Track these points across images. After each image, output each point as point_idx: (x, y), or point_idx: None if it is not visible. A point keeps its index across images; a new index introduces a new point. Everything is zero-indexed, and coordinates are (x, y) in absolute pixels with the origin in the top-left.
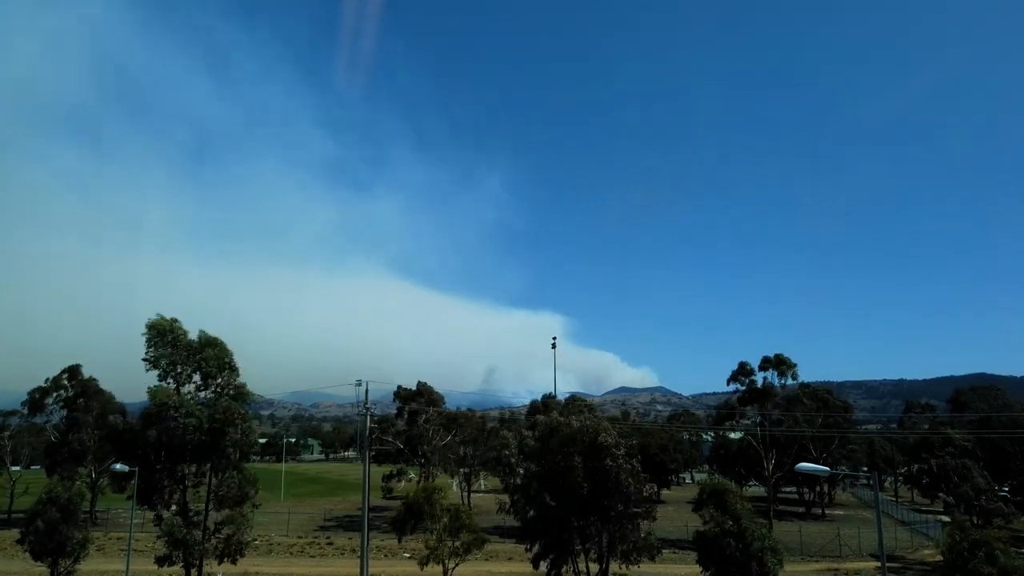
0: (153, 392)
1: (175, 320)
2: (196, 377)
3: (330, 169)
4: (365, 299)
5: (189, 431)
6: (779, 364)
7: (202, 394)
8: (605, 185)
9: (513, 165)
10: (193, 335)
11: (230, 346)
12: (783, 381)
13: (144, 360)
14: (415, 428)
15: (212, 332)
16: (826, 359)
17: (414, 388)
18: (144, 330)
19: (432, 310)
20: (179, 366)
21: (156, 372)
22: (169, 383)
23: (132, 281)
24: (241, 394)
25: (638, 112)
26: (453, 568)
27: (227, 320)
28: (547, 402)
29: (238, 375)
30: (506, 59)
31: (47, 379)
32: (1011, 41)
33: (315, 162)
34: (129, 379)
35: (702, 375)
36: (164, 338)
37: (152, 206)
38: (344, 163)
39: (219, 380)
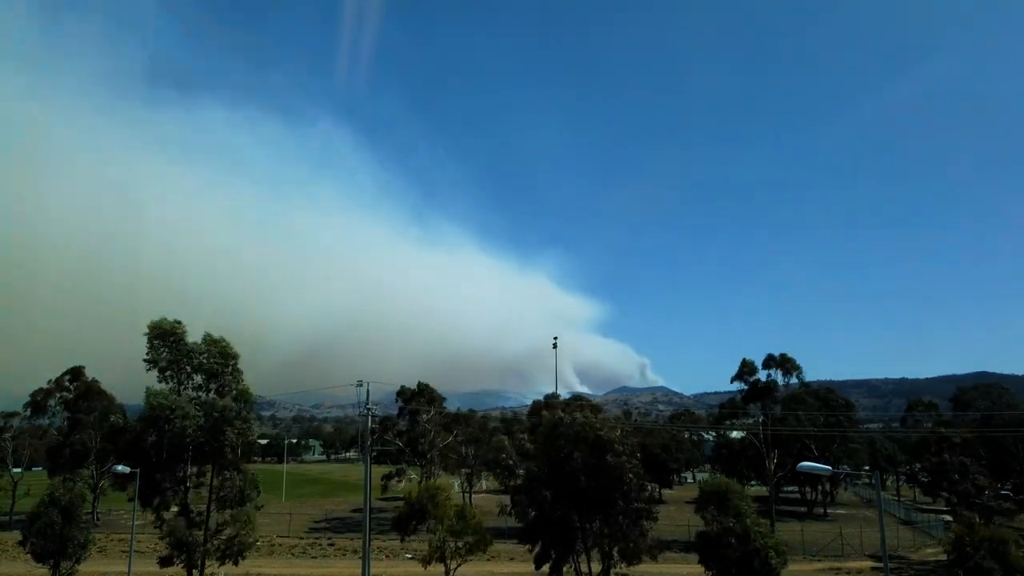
0: (150, 394)
1: (177, 322)
2: (197, 378)
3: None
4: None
5: (188, 432)
6: (783, 363)
7: (202, 395)
8: (603, 183)
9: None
10: (196, 336)
11: (235, 348)
12: (787, 380)
13: (145, 361)
14: (416, 428)
15: (214, 332)
16: (828, 358)
17: (415, 388)
18: (146, 330)
19: (433, 303)
20: (180, 365)
21: (156, 373)
22: (169, 383)
23: (135, 280)
24: (242, 395)
25: (641, 108)
26: (456, 568)
27: (227, 319)
28: (549, 402)
29: (240, 377)
30: (503, 59)
31: (49, 380)
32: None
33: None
34: (132, 380)
35: (703, 375)
36: (166, 339)
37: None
38: None
39: (221, 380)
